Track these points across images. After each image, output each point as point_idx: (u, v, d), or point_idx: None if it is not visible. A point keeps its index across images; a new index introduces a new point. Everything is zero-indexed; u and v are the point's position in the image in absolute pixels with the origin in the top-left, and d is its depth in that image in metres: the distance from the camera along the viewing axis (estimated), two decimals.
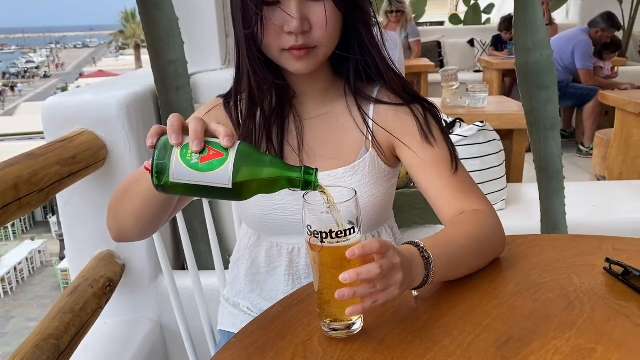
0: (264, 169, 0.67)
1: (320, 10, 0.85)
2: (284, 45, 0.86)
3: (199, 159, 0.65)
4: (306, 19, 0.85)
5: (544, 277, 0.87)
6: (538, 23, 1.67)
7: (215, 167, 0.65)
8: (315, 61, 0.89)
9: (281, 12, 0.84)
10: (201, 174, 0.65)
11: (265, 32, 0.85)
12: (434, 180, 0.94)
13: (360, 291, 0.66)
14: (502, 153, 2.06)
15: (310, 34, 0.86)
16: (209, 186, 0.65)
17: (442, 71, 2.99)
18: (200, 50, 1.83)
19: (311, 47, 0.87)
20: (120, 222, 0.89)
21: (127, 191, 0.86)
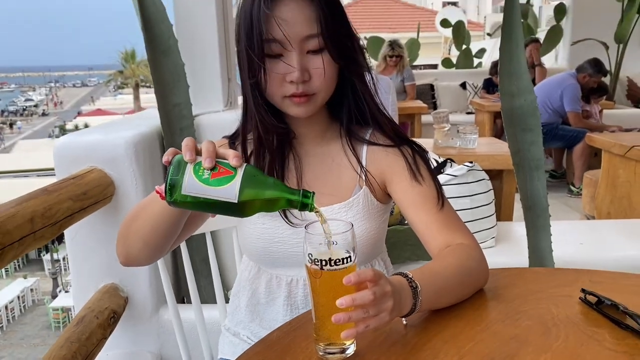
0: (267, 189, 0.75)
1: (319, 62, 0.95)
2: (285, 93, 0.96)
3: (209, 175, 0.73)
4: (306, 69, 0.94)
5: (524, 306, 0.94)
6: (521, 70, 1.78)
7: (224, 183, 0.73)
8: (314, 107, 0.98)
9: (284, 63, 0.94)
10: (211, 189, 0.73)
11: (269, 81, 0.95)
12: (422, 216, 1.02)
13: (354, 316, 0.73)
14: (491, 192, 2.15)
15: (309, 83, 0.95)
16: (216, 200, 0.73)
17: (434, 113, 3.11)
18: (204, 93, 1.93)
19: (310, 94, 0.96)
20: (128, 246, 0.96)
21: (137, 216, 0.94)
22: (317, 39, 0.94)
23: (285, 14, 0.92)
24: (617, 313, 0.88)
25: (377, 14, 17.96)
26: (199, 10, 1.91)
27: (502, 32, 1.77)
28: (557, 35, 6.91)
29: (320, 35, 0.93)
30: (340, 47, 0.96)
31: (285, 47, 0.93)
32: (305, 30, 0.93)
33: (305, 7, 0.93)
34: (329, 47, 0.95)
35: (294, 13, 0.92)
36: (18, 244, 1.11)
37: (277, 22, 0.91)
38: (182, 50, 1.80)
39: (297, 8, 0.93)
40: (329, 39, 0.94)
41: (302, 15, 0.93)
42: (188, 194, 0.73)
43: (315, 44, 0.94)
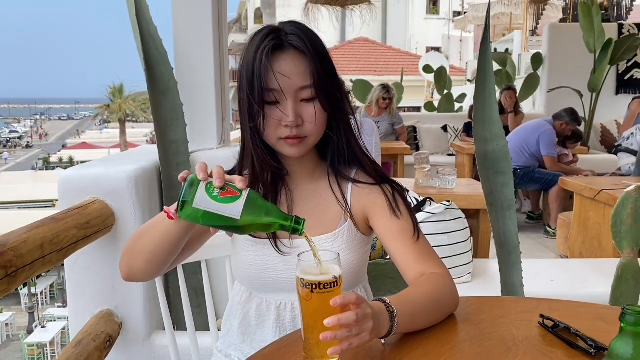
0: (265, 212, 0.88)
1: (311, 109, 1.08)
2: (281, 135, 1.09)
3: (218, 193, 0.86)
4: (299, 115, 1.08)
5: (489, 329, 1.06)
6: (494, 118, 1.93)
7: (230, 202, 0.86)
8: (305, 148, 1.12)
9: (280, 109, 1.07)
10: (219, 205, 0.85)
11: (267, 125, 1.08)
12: (400, 247, 1.14)
13: (339, 334, 0.84)
14: (467, 230, 2.28)
15: (302, 127, 1.08)
16: (222, 215, 0.85)
17: (416, 154, 3.27)
18: (199, 132, 2.06)
19: (303, 137, 1.09)
20: (132, 262, 1.06)
21: (142, 235, 1.05)
22: (310, 90, 1.08)
23: (283, 67, 1.06)
24: (570, 335, 1.00)
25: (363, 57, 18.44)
26: (198, 55, 2.06)
27: (476, 82, 1.93)
28: (534, 83, 7.23)
29: (312, 86, 1.07)
30: (329, 97, 1.10)
31: (282, 96, 1.06)
32: (300, 82, 1.07)
33: (300, 61, 1.07)
34: (320, 96, 1.09)
35: (290, 67, 1.06)
36: (29, 267, 1.20)
37: (275, 75, 1.05)
38: (181, 92, 1.93)
39: (292, 62, 1.07)
40: (320, 90, 1.08)
41: (297, 69, 1.07)
42: (199, 207, 0.85)
43: (308, 94, 1.08)
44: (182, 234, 1.00)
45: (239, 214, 0.85)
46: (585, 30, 6.31)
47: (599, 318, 1.11)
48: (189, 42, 2.06)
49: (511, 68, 7.72)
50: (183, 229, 0.99)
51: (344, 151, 1.18)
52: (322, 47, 1.11)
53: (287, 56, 1.07)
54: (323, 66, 1.09)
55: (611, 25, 7.16)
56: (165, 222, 0.98)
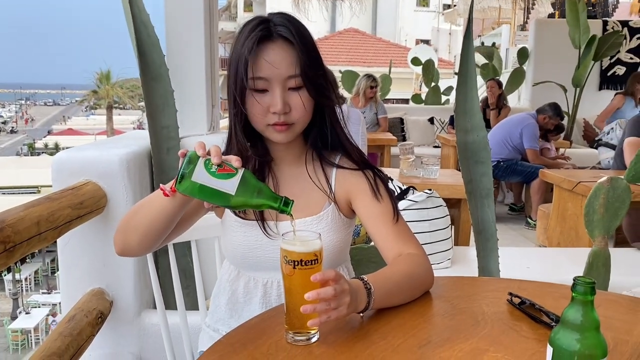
0: (257, 191, 0.94)
1: (298, 97, 1.14)
2: (269, 122, 1.15)
3: (216, 169, 0.93)
4: (287, 103, 1.14)
5: (460, 305, 1.13)
6: (474, 109, 2.01)
7: (226, 178, 0.92)
8: (292, 134, 1.18)
9: (268, 97, 1.13)
10: (216, 180, 0.92)
11: (255, 112, 1.14)
12: (380, 228, 1.21)
13: (318, 307, 0.91)
14: (447, 218, 2.36)
15: (290, 114, 1.14)
16: (217, 190, 0.92)
17: (401, 145, 3.35)
18: (189, 118, 2.11)
19: (290, 124, 1.16)
20: (127, 237, 1.12)
21: (138, 211, 1.11)
22: (296, 79, 1.13)
23: (272, 57, 1.12)
24: (535, 311, 1.08)
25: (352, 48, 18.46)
26: (189, 43, 2.10)
27: (459, 76, 2.00)
28: (519, 77, 7.33)
29: (299, 75, 1.13)
30: (315, 85, 1.17)
31: (270, 84, 1.12)
32: (288, 71, 1.13)
33: (287, 51, 1.13)
34: (307, 85, 1.15)
35: (278, 56, 1.12)
36: (26, 243, 1.26)
37: (264, 63, 1.11)
38: (172, 78, 1.98)
39: (281, 52, 1.13)
40: (306, 78, 1.14)
41: (285, 59, 1.13)
42: (196, 181, 0.92)
43: (295, 83, 1.14)
44: (176, 211, 1.06)
45: (234, 190, 0.92)
46: (571, 25, 6.41)
47: (564, 297, 1.19)
48: (181, 29, 2.10)
49: (498, 62, 7.81)
50: (177, 206, 1.05)
51: (328, 138, 1.24)
52: (310, 38, 1.17)
53: (275, 46, 1.12)
54: (310, 56, 1.15)
55: (596, 21, 7.28)
56: (160, 199, 1.04)
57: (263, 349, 0.93)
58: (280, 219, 1.23)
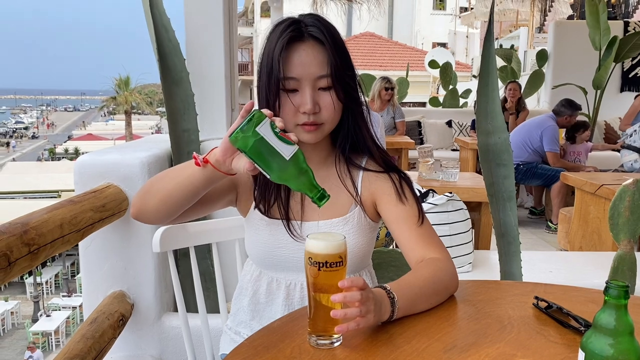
0: (302, 173, 0.96)
1: (328, 98, 1.14)
2: (298, 122, 1.14)
3: (279, 131, 0.94)
4: (317, 103, 1.14)
5: (486, 309, 1.12)
6: (496, 111, 1.99)
7: (285, 143, 0.94)
8: (321, 134, 1.17)
9: (299, 97, 1.13)
10: (277, 140, 0.94)
11: (284, 111, 1.13)
12: (404, 231, 1.20)
13: (349, 312, 0.90)
14: (468, 221, 2.33)
15: (319, 114, 1.14)
16: (273, 149, 0.93)
17: (419, 148, 3.33)
18: (209, 121, 2.12)
19: (319, 124, 1.15)
20: (146, 200, 1.12)
21: (164, 176, 1.12)
22: (327, 79, 1.13)
23: (303, 57, 1.12)
24: (562, 315, 1.06)
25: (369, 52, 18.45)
26: (209, 47, 2.12)
27: (480, 77, 1.98)
28: (539, 80, 7.25)
29: (329, 75, 1.13)
30: (344, 86, 1.16)
31: (300, 83, 1.12)
32: (318, 71, 1.13)
33: (318, 51, 1.13)
34: (336, 86, 1.14)
35: (309, 56, 1.12)
36: (50, 245, 1.27)
37: (294, 63, 1.11)
38: (192, 82, 1.99)
39: (311, 52, 1.13)
40: (336, 79, 1.14)
41: (316, 59, 1.13)
42: (259, 133, 0.93)
43: (325, 83, 1.14)
44: (203, 183, 1.06)
45: (289, 156, 0.94)
46: (591, 27, 6.32)
47: (591, 301, 1.17)
48: (200, 33, 2.11)
49: (516, 64, 7.74)
50: (206, 179, 1.05)
51: (355, 140, 1.24)
52: (340, 39, 1.17)
53: (306, 46, 1.12)
54: (340, 57, 1.15)
55: (617, 23, 7.18)
56: (191, 168, 1.04)
57: (286, 352, 0.92)
58: (305, 219, 1.22)
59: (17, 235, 1.15)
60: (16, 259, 1.12)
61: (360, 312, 0.90)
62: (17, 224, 1.21)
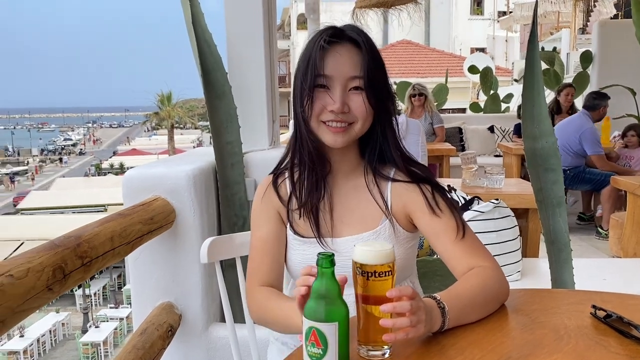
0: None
1: (359, 99, 1.14)
2: (323, 118, 1.14)
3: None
4: (346, 103, 1.13)
5: (540, 318, 1.08)
6: (543, 114, 1.94)
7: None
8: (348, 138, 1.16)
9: (329, 95, 1.13)
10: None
11: (313, 108, 1.14)
12: (445, 244, 1.17)
13: (399, 322, 0.89)
14: (516, 228, 2.28)
15: (348, 114, 1.14)
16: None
17: (462, 154, 3.27)
18: (252, 133, 2.14)
19: (348, 124, 1.14)
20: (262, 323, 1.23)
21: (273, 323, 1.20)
22: (359, 80, 1.13)
23: (337, 56, 1.13)
24: (622, 325, 1.01)
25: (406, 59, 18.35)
26: (250, 61, 2.15)
27: (524, 80, 1.93)
28: (583, 82, 7.05)
29: (362, 77, 1.13)
30: (376, 91, 1.15)
31: (332, 82, 1.13)
32: (351, 71, 1.13)
33: (354, 53, 1.14)
34: (368, 89, 1.14)
35: (344, 56, 1.13)
36: (101, 258, 1.30)
37: (329, 61, 1.12)
38: (235, 95, 2.02)
39: (347, 52, 1.14)
40: (368, 82, 1.13)
41: (351, 59, 1.13)
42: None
43: (357, 84, 1.14)
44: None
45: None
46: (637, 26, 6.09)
47: None
48: (242, 48, 2.15)
49: (559, 67, 7.55)
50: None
51: (384, 150, 1.22)
52: (376, 48, 1.17)
53: (342, 47, 1.14)
54: (375, 61, 1.15)
55: None
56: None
57: None
58: (336, 235, 1.22)
59: (71, 248, 1.19)
60: (70, 271, 1.15)
61: (411, 321, 0.89)
62: (70, 237, 1.24)
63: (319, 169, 1.21)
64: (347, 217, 1.22)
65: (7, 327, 0.96)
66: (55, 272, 1.10)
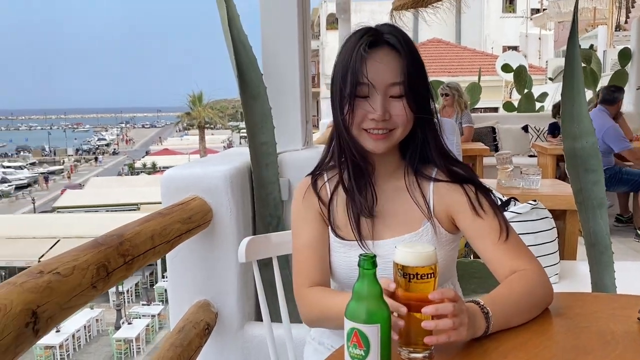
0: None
1: (399, 106, 1.12)
2: (365, 126, 1.13)
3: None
4: (387, 111, 1.12)
5: (585, 323, 1.05)
6: (583, 113, 1.89)
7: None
8: (389, 144, 1.15)
9: (370, 103, 1.12)
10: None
11: (354, 116, 1.13)
12: (488, 246, 1.15)
13: (441, 324, 0.88)
14: (554, 230, 2.23)
15: (389, 122, 1.13)
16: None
17: (497, 155, 3.22)
18: (286, 134, 2.15)
19: (388, 131, 1.13)
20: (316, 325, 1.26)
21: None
22: (399, 87, 1.12)
23: (377, 63, 1.11)
24: None
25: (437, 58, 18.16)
26: (285, 61, 2.16)
27: (564, 78, 1.89)
28: (622, 80, 6.84)
29: (402, 83, 1.12)
30: (416, 95, 1.14)
31: (372, 90, 1.11)
32: (391, 78, 1.11)
33: (393, 58, 1.12)
34: (408, 95, 1.12)
35: (383, 63, 1.11)
36: (142, 256, 1.32)
37: (368, 69, 1.10)
38: (269, 96, 2.03)
39: (386, 59, 1.12)
40: (409, 88, 1.12)
41: (390, 65, 1.12)
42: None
43: (397, 91, 1.12)
44: None
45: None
46: None
47: None
48: (276, 49, 2.16)
49: (596, 65, 7.35)
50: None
51: (425, 151, 1.20)
52: (415, 49, 1.15)
53: (381, 53, 1.12)
54: (414, 66, 1.13)
55: None
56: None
57: None
58: (377, 237, 1.21)
59: (114, 247, 1.21)
60: (113, 269, 1.18)
61: (453, 323, 0.88)
62: (113, 235, 1.27)
63: (365, 172, 1.21)
64: (388, 220, 1.21)
65: (55, 323, 0.98)
66: (99, 270, 1.12)
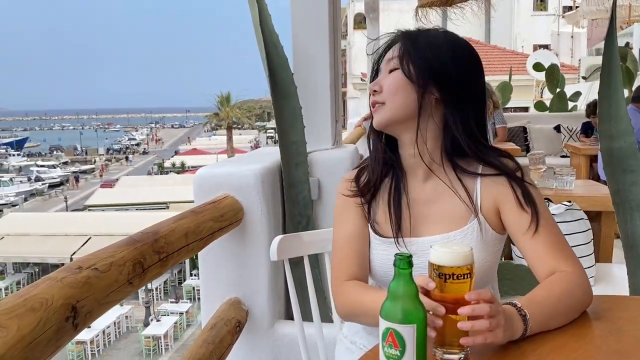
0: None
1: (390, 78, 1.16)
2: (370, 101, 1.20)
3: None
4: (379, 83, 1.17)
5: (626, 327, 1.03)
6: (621, 113, 1.84)
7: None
8: (381, 117, 1.16)
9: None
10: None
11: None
12: (529, 242, 1.12)
13: (477, 325, 0.86)
14: (589, 232, 2.18)
15: (381, 94, 1.16)
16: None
17: (530, 155, 3.16)
18: (315, 133, 2.16)
19: (380, 102, 1.16)
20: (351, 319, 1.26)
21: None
22: (393, 60, 1.16)
23: (389, 53, 1.19)
24: None
25: None
26: (315, 61, 2.16)
27: (601, 77, 1.85)
28: None
29: (397, 57, 1.15)
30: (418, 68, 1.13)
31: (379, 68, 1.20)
32: (390, 55, 1.17)
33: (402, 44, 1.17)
34: (404, 67, 1.13)
35: (395, 50, 1.17)
36: (177, 253, 1.34)
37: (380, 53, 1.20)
38: (300, 95, 2.04)
39: (397, 47, 1.18)
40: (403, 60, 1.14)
41: (396, 47, 1.17)
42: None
43: (393, 64, 1.16)
44: None
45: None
46: None
47: None
48: (307, 48, 2.16)
49: (632, 63, 7.16)
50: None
51: (463, 144, 1.15)
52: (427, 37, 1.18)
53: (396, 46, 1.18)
54: (413, 42, 1.15)
55: None
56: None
57: None
58: (415, 234, 1.19)
59: (149, 244, 1.23)
60: (149, 266, 1.20)
61: (490, 324, 0.86)
62: (148, 232, 1.29)
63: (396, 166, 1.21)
64: (429, 217, 1.19)
65: (93, 318, 1.00)
66: (135, 267, 1.14)
